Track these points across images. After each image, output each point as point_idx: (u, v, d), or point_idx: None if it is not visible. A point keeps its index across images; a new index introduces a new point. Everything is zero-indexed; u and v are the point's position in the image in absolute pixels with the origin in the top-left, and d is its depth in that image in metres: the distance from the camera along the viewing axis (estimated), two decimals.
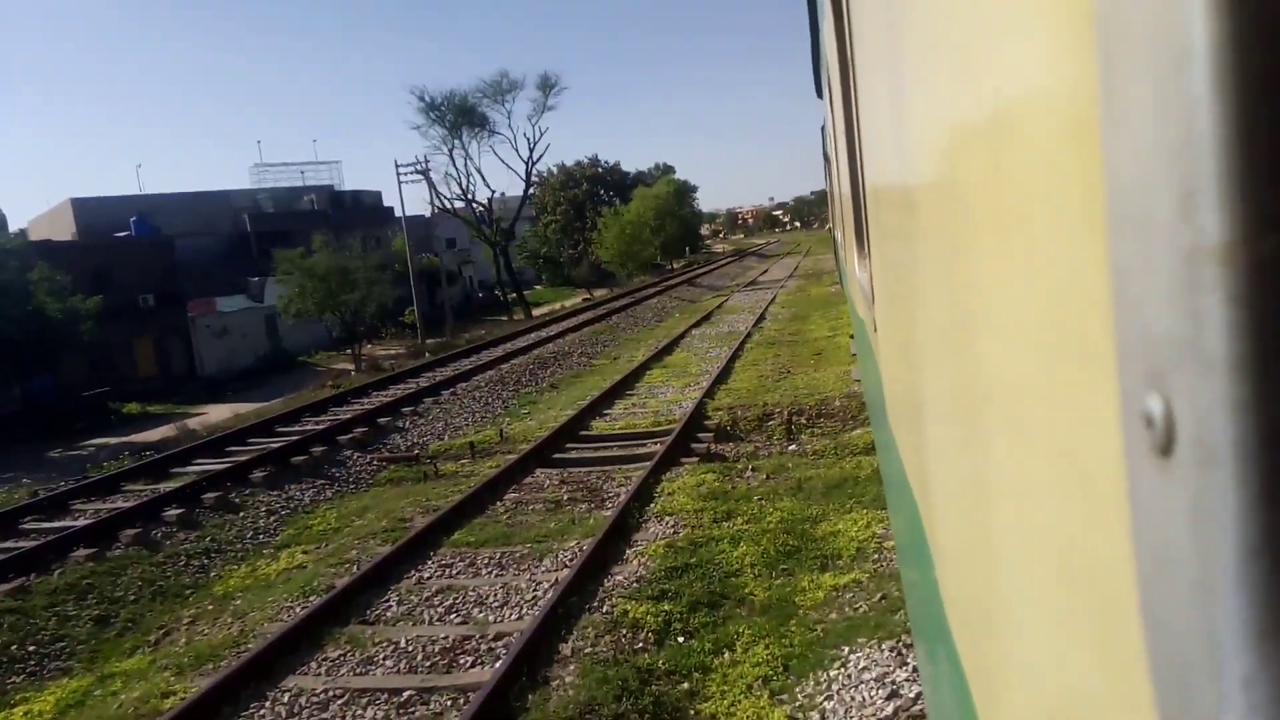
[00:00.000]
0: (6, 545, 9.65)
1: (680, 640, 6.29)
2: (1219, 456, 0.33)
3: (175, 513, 10.26)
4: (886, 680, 5.32)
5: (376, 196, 57.36)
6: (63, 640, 7.68)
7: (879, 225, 2.59)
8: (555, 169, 67.52)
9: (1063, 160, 0.53)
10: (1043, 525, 0.70)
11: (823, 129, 18.31)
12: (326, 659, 6.53)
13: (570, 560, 7.90)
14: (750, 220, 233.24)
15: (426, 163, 38.43)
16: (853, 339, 15.76)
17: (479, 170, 76.35)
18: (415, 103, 48.39)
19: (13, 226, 42.61)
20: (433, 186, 40.89)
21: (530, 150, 51.11)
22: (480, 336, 29.78)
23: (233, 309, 41.58)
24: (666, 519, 8.71)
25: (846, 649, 5.84)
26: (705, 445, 11.43)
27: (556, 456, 11.79)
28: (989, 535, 1.00)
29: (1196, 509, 0.35)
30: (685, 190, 79.42)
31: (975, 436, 1.04)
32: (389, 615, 7.23)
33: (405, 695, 5.91)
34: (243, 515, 10.63)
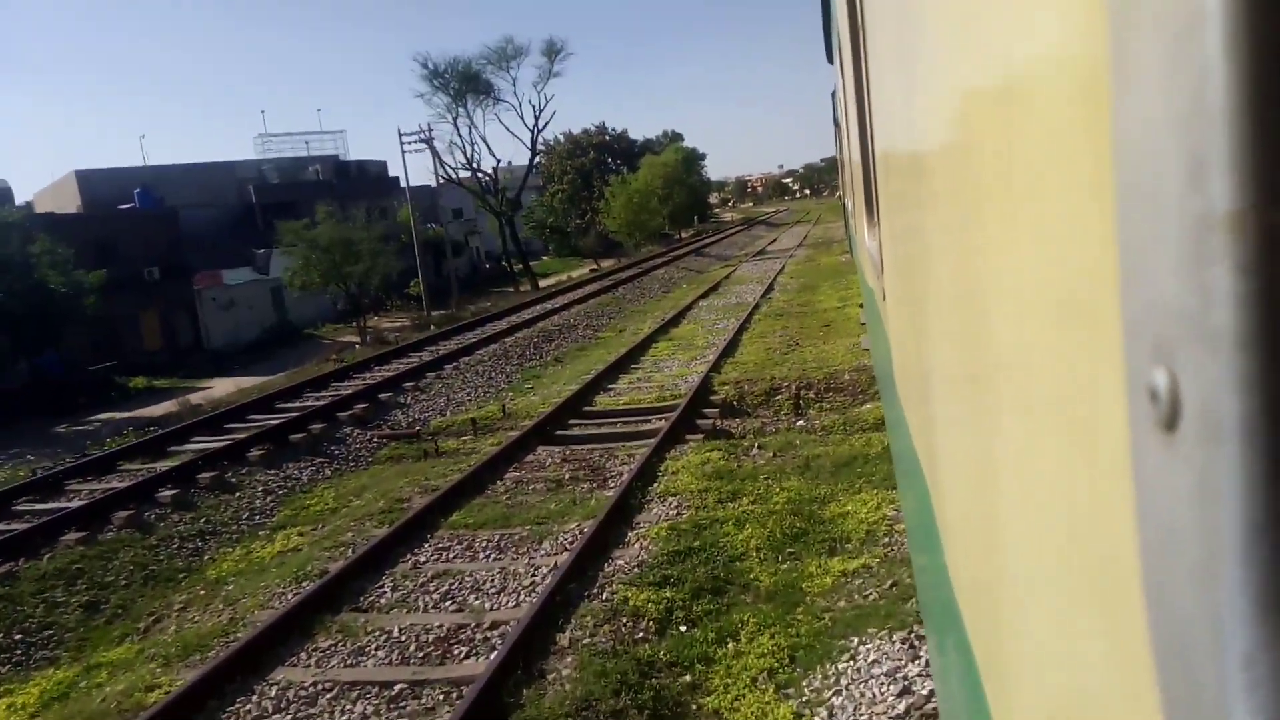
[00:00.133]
0: None
1: (682, 630, 6.04)
2: (1224, 432, 0.33)
3: (170, 493, 10.06)
4: (898, 675, 5.06)
5: (382, 166, 56.78)
6: (50, 628, 7.49)
7: (889, 193, 2.56)
8: (562, 137, 66.85)
9: (1072, 127, 0.52)
10: (1051, 505, 0.68)
11: (833, 95, 17.91)
12: (317, 649, 6.32)
13: (570, 543, 7.66)
14: (759, 188, 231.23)
15: (430, 131, 37.87)
16: (862, 308, 15.46)
17: (484, 139, 75.27)
18: (419, 70, 47.71)
19: (19, 199, 42.55)
20: (436, 155, 40.28)
21: (536, 118, 50.40)
22: (486, 308, 29.52)
23: (238, 281, 41.29)
24: (670, 499, 8.45)
25: (856, 640, 5.59)
26: (711, 421, 11.16)
27: (559, 433, 11.54)
28: (996, 516, 0.99)
29: (1201, 485, 0.35)
30: (694, 158, 78.65)
31: (982, 412, 1.03)
32: (383, 602, 7.01)
33: (396, 689, 5.69)
34: (239, 495, 10.43)
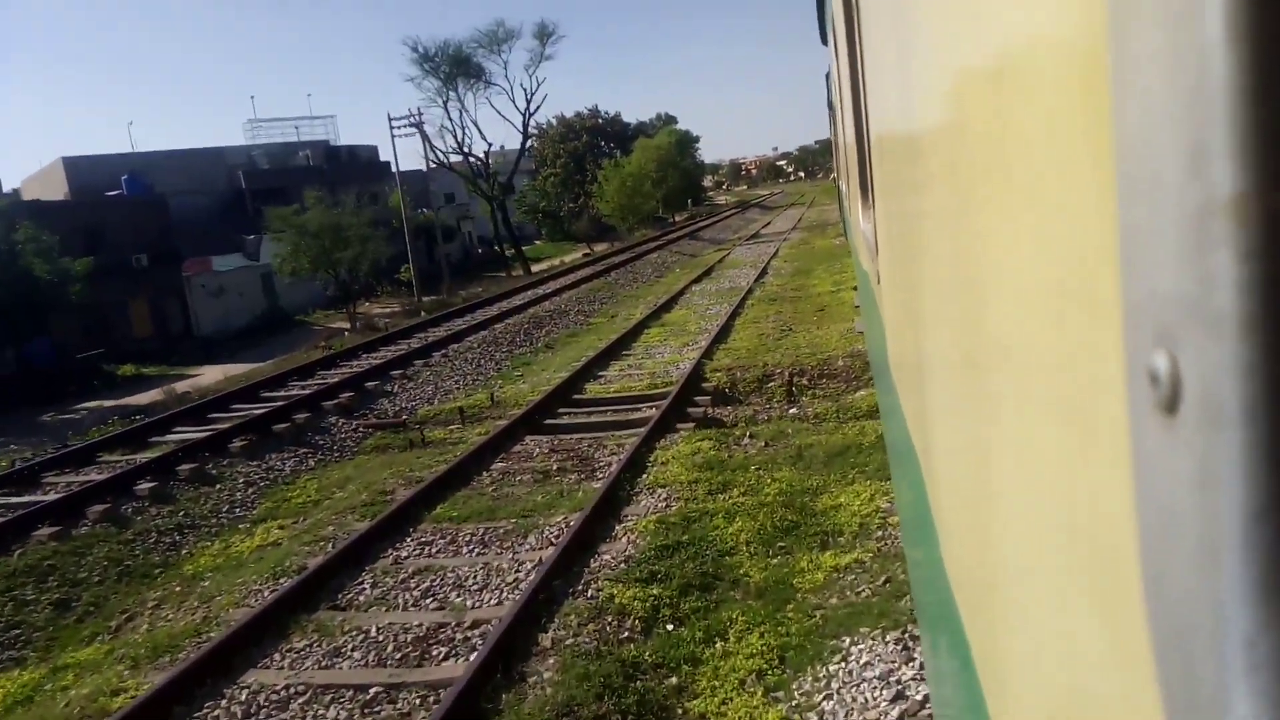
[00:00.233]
0: None
1: (669, 629, 5.84)
2: (1225, 416, 0.33)
3: (148, 486, 9.82)
4: (891, 679, 4.86)
5: (373, 151, 56.33)
6: (19, 628, 7.27)
7: (884, 175, 2.52)
8: (554, 120, 66.29)
9: (1071, 111, 0.52)
10: (1051, 496, 0.67)
11: (827, 77, 17.67)
12: (292, 650, 6.11)
13: (556, 537, 7.45)
14: (754, 171, 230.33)
15: (420, 116, 37.41)
16: (856, 290, 15.26)
17: (475, 123, 74.48)
18: (409, 54, 47.15)
19: (6, 186, 42.08)
20: (427, 140, 39.76)
21: (527, 101, 49.85)
22: (477, 294, 29.23)
23: (228, 268, 40.96)
24: (659, 491, 8.24)
25: (848, 640, 5.39)
26: (702, 409, 10.94)
27: (548, 422, 11.31)
28: (993, 507, 0.97)
29: (1201, 469, 0.35)
30: (687, 141, 78.19)
31: (980, 398, 1.01)
32: (361, 600, 6.80)
33: (371, 692, 5.49)
34: (219, 488, 10.19)
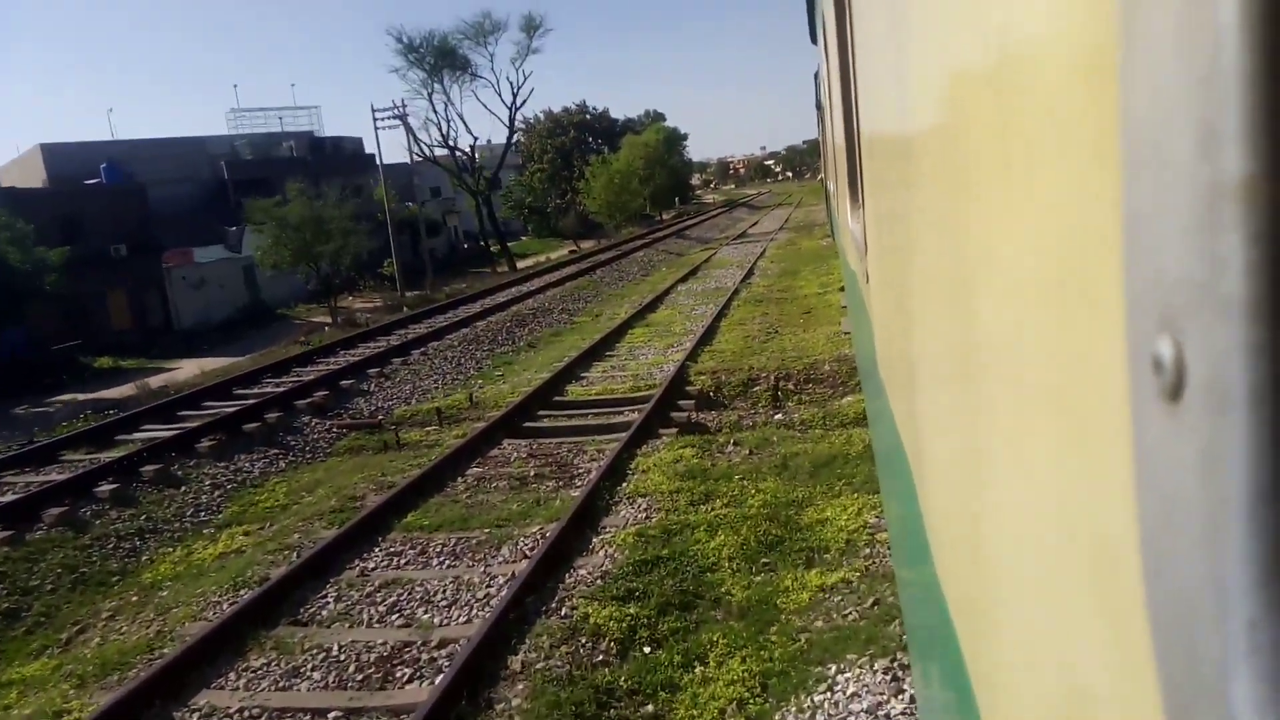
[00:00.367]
0: None
1: (646, 651, 5.55)
2: (1233, 400, 0.33)
3: (109, 488, 9.45)
4: (879, 713, 4.60)
5: (358, 143, 55.67)
6: None
7: (875, 171, 2.50)
8: (542, 115, 65.84)
9: (1075, 98, 0.52)
10: (1057, 511, 0.64)
11: (816, 76, 17.50)
12: (248, 669, 5.79)
13: (530, 550, 7.16)
14: (742, 170, 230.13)
15: (404, 107, 36.92)
16: (843, 291, 15.06)
17: (460, 116, 73.61)
18: (394, 45, 46.60)
19: None
20: (411, 132, 39.25)
21: (514, 95, 49.31)
22: (460, 290, 28.85)
23: (210, 259, 40.37)
24: (639, 501, 7.96)
25: (834, 667, 5.11)
26: (686, 414, 10.66)
27: (527, 425, 11.01)
28: (994, 521, 0.92)
29: (1206, 453, 0.35)
30: (675, 138, 77.90)
31: (976, 401, 0.96)
32: (324, 614, 6.48)
33: (330, 717, 5.18)
34: (184, 490, 9.84)
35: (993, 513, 0.93)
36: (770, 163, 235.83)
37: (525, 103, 55.13)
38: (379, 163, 38.19)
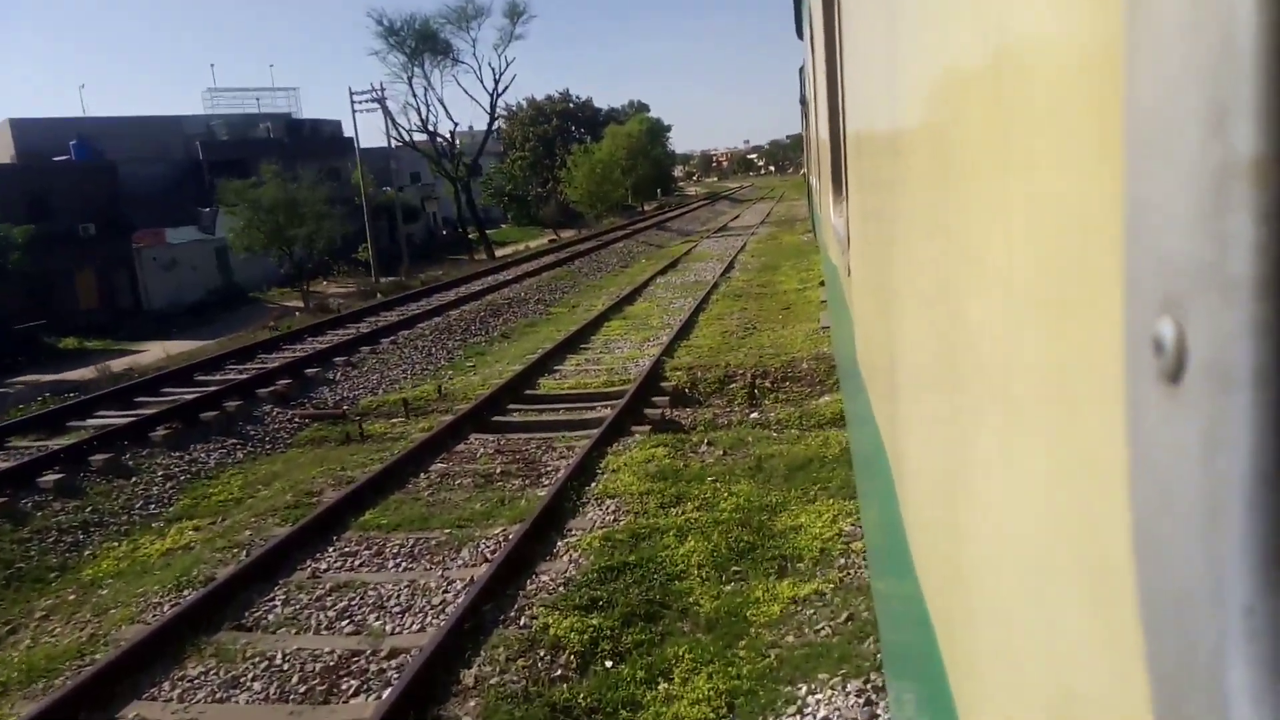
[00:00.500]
0: None
1: (608, 665, 5.26)
2: (1237, 380, 0.33)
3: (54, 478, 9.02)
4: None
5: (336, 126, 54.85)
6: None
7: (860, 165, 2.45)
8: (525, 103, 65.25)
9: (1074, 86, 0.51)
10: (1047, 514, 0.62)
11: (801, 71, 17.28)
12: (185, 678, 5.44)
13: (491, 553, 6.84)
14: (725, 163, 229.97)
15: (382, 91, 36.28)
16: (823, 286, 14.86)
17: (441, 101, 72.96)
18: (374, 27, 45.82)
19: None
20: (389, 116, 38.55)
21: (496, 81, 48.71)
22: (436, 277, 28.36)
23: (182, 241, 39.63)
24: (607, 503, 7.65)
25: (804, 688, 4.84)
26: (660, 411, 10.38)
27: (496, 419, 10.68)
28: (983, 523, 0.86)
29: (1207, 434, 0.34)
30: (659, 129, 77.49)
31: (964, 397, 0.93)
32: (270, 619, 6.14)
33: None
34: (134, 481, 9.43)
35: (981, 517, 0.88)
36: (753, 156, 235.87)
37: (507, 89, 54.73)
38: (356, 146, 37.55)
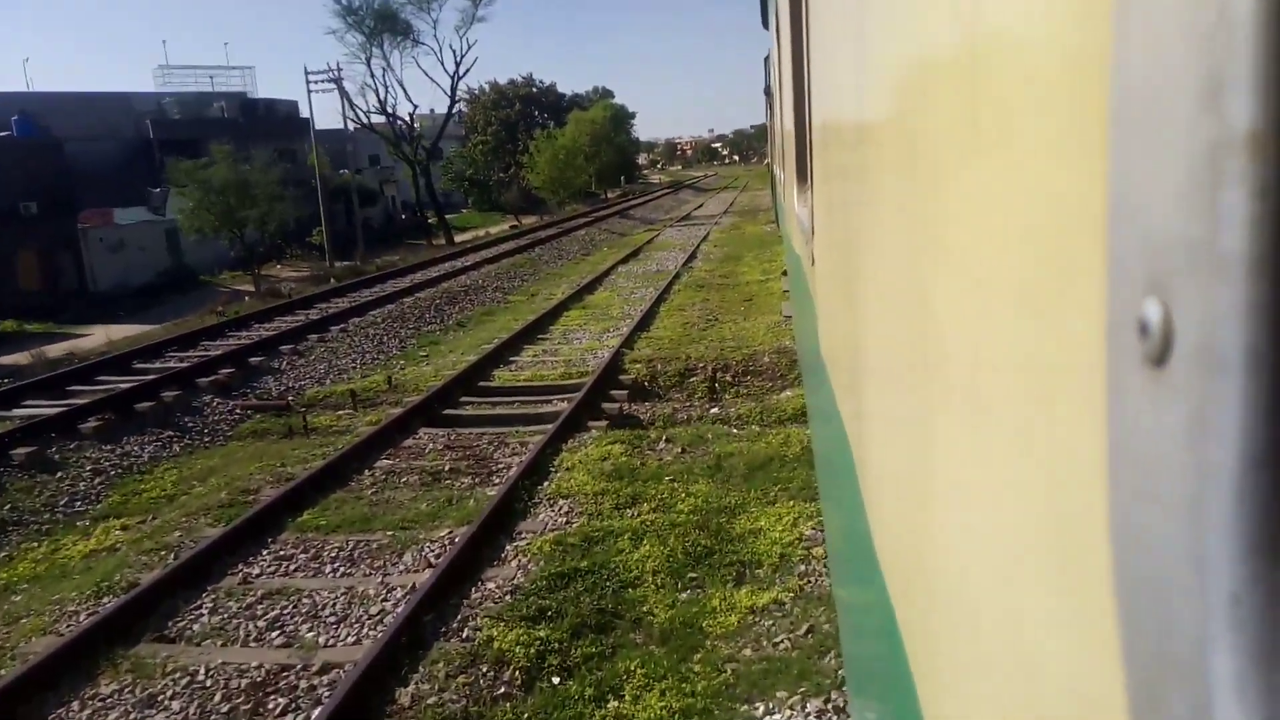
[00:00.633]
0: None
1: (555, 681, 4.95)
2: (1226, 363, 0.32)
3: None
4: None
5: (292, 106, 53.60)
6: None
7: (826, 150, 2.42)
8: (487, 86, 64.33)
9: (1058, 60, 0.50)
10: (1020, 510, 0.60)
11: (766, 61, 17.02)
12: (96, 696, 5.04)
13: (436, 557, 6.49)
14: (689, 151, 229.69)
15: (339, 71, 35.45)
16: (785, 276, 14.66)
17: (400, 83, 71.58)
18: (332, 5, 44.73)
19: None
20: (346, 97, 37.73)
21: (457, 64, 47.90)
22: (393, 263, 27.73)
23: (131, 221, 38.45)
24: (560, 503, 7.33)
25: (760, 707, 4.57)
26: (618, 405, 10.06)
27: (447, 412, 10.29)
28: (957, 523, 0.82)
29: (1193, 418, 0.34)
30: (623, 116, 76.95)
31: (932, 389, 0.91)
32: (195, 629, 5.74)
33: None
34: (60, 476, 8.91)
35: (952, 514, 0.83)
36: (717, 146, 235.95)
37: (469, 72, 53.74)
38: (311, 127, 36.64)
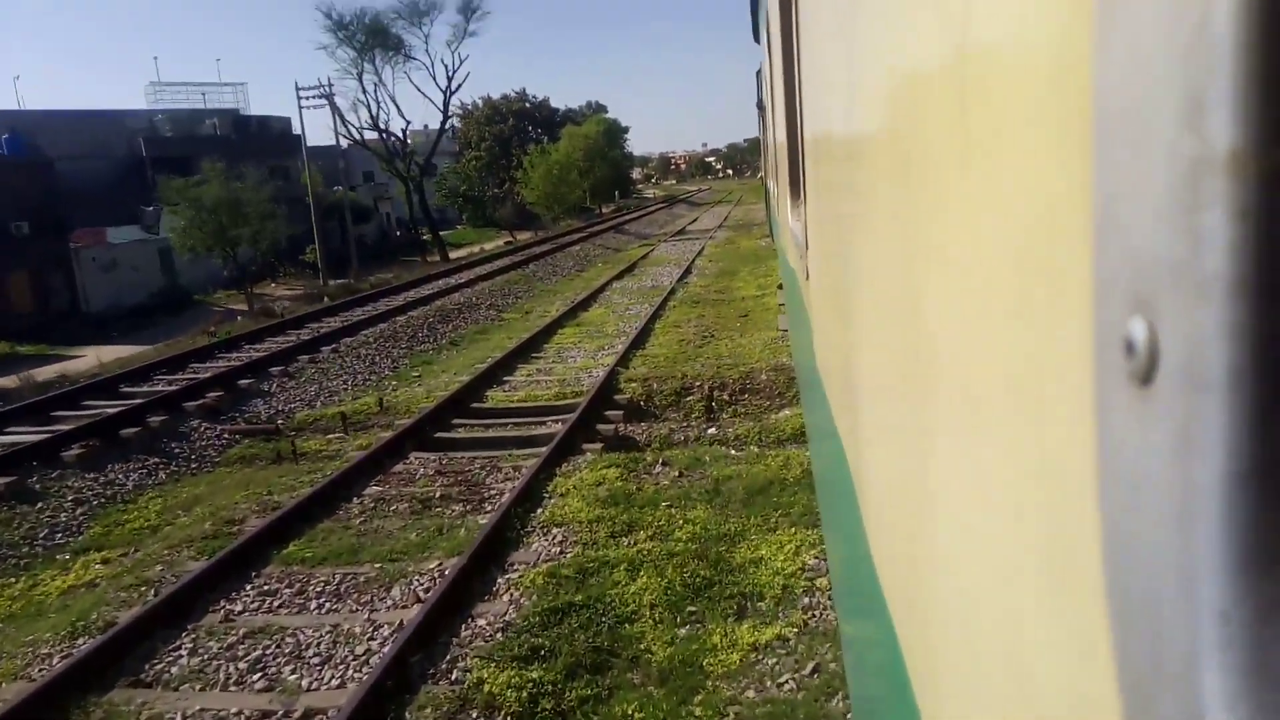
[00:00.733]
0: None
1: None
2: (1211, 381, 0.32)
3: None
4: None
5: (285, 123, 53.48)
6: None
7: (819, 164, 2.42)
8: (480, 102, 64.33)
9: (1043, 81, 0.50)
10: (1015, 525, 0.59)
11: (758, 74, 16.93)
12: None
13: (425, 591, 6.26)
14: (683, 166, 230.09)
15: (330, 87, 35.31)
16: (781, 289, 14.48)
17: (393, 98, 71.28)
18: (323, 21, 44.65)
19: None
20: (338, 113, 37.55)
21: (449, 79, 47.83)
22: (386, 280, 27.54)
23: (123, 240, 38.23)
24: (554, 531, 7.10)
25: None
26: (613, 426, 9.85)
27: (439, 436, 10.07)
28: (954, 550, 0.80)
29: (1180, 436, 0.34)
30: (617, 131, 76.99)
31: (929, 408, 0.88)
32: (173, 672, 5.50)
33: None
34: (40, 507, 8.66)
35: (952, 536, 0.81)
36: (711, 160, 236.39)
37: (461, 87, 53.73)
38: (303, 143, 36.49)
